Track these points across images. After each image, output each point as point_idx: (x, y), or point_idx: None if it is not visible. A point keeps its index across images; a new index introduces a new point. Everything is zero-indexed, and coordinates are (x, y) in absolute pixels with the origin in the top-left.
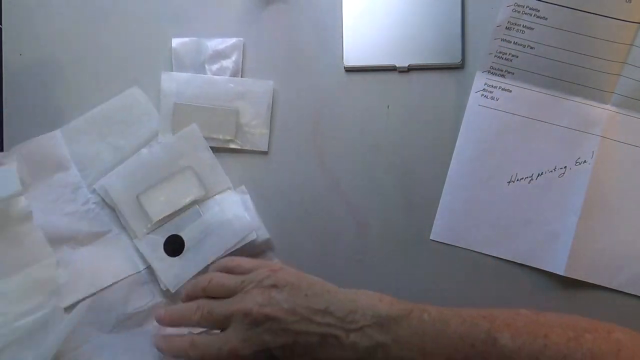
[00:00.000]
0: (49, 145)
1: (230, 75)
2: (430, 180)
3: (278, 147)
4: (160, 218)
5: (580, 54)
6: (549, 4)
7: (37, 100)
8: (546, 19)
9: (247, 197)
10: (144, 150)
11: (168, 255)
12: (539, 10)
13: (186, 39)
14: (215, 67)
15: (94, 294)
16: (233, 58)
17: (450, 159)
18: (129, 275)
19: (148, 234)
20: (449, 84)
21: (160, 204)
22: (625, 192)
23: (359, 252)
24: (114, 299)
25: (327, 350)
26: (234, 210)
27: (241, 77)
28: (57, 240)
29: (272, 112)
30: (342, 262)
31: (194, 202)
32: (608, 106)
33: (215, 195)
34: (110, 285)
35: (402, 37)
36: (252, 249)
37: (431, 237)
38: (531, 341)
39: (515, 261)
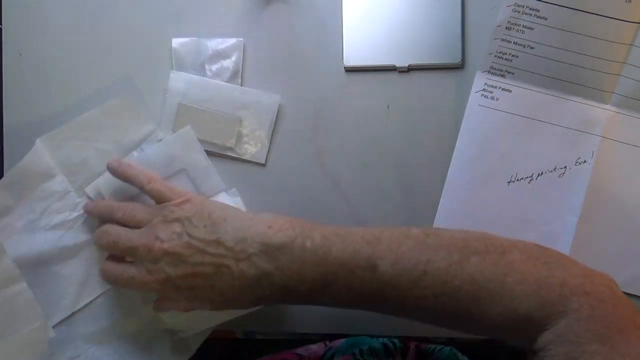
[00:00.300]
0: (30, 160)
1: (230, 76)
2: (430, 180)
3: (278, 147)
4: None
5: (580, 54)
6: (549, 4)
7: (38, 100)
8: (546, 19)
9: (238, 199)
10: (135, 154)
11: None
12: (539, 10)
13: (186, 39)
14: (215, 67)
15: (82, 307)
16: (233, 58)
17: (450, 159)
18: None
19: None
20: (449, 84)
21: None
22: (625, 192)
23: None
24: (103, 307)
25: (221, 279)
26: None
27: (241, 77)
28: (43, 261)
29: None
30: None
31: None
32: (608, 106)
33: (209, 197)
34: (100, 295)
35: (402, 37)
36: None
37: None
38: (411, 267)
39: None
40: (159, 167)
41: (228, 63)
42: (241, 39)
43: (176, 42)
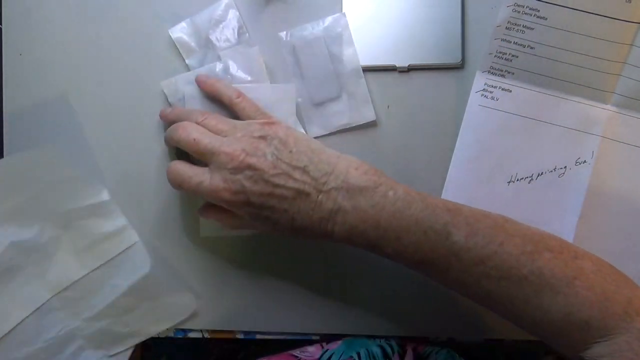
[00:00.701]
0: None
1: (238, 34)
2: (430, 180)
3: None
4: None
5: (580, 54)
6: (549, 4)
7: (37, 100)
8: (546, 19)
9: None
10: (219, 65)
11: None
12: (539, 10)
13: (182, 24)
14: (219, 35)
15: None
16: (230, 17)
17: (450, 159)
18: (37, 309)
19: None
20: (449, 84)
21: None
22: (625, 192)
23: (358, 252)
24: (23, 335)
25: (297, 204)
26: None
27: (246, 29)
28: None
29: None
30: (341, 262)
31: None
32: (608, 106)
33: None
34: (19, 323)
35: (402, 37)
36: None
37: None
38: (483, 245)
39: None
40: None
41: (228, 24)
42: None
43: (174, 31)
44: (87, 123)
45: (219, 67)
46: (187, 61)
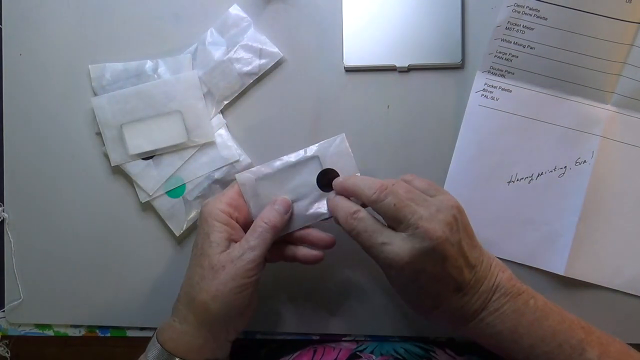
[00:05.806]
0: None
1: (248, 33)
2: (430, 180)
3: (277, 147)
4: (136, 153)
5: (580, 54)
6: (549, 4)
7: (37, 100)
8: (546, 19)
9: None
10: (144, 84)
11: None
12: (539, 10)
13: (193, 45)
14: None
15: None
16: (243, 26)
17: (450, 159)
18: None
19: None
20: (449, 84)
21: (141, 139)
22: (625, 192)
23: (359, 252)
24: None
25: (451, 295)
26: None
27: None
28: None
29: (272, 112)
30: (342, 262)
31: (175, 147)
32: (608, 106)
33: (197, 145)
34: None
35: (402, 37)
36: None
37: None
38: None
39: (515, 261)
40: (157, 103)
41: (241, 29)
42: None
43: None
44: (88, 123)
45: (309, 151)
46: (93, 100)
